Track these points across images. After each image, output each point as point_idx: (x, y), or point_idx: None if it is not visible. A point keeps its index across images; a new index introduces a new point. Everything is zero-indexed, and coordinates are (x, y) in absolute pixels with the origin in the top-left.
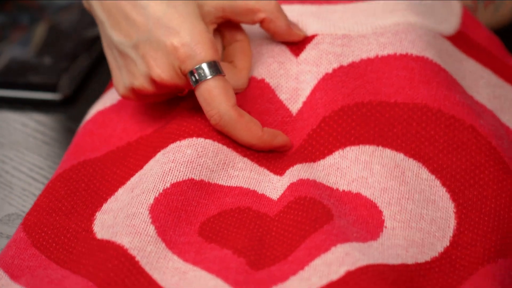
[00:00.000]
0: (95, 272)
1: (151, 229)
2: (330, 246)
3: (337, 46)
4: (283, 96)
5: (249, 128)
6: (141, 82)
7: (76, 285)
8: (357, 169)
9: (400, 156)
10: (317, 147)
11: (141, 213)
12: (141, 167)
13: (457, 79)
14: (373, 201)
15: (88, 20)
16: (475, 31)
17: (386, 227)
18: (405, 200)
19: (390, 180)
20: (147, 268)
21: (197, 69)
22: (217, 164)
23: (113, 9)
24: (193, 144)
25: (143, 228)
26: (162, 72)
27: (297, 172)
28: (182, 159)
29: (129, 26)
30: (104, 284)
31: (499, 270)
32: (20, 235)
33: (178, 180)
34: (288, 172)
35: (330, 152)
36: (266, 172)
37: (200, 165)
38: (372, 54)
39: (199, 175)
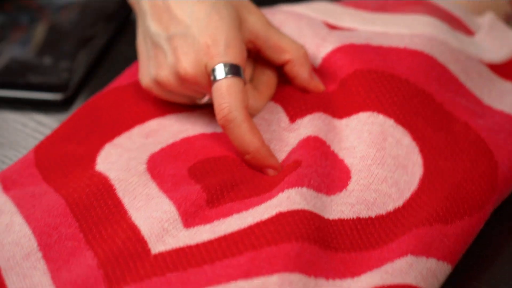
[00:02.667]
0: (71, 192)
1: (142, 167)
2: (278, 193)
3: (373, 36)
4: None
5: (252, 133)
6: (166, 74)
7: (50, 201)
8: (352, 138)
9: (389, 122)
10: (333, 108)
11: (141, 157)
12: (163, 113)
13: (476, 93)
14: (349, 168)
15: (88, 20)
16: None
17: (346, 189)
18: (375, 165)
19: (370, 147)
20: (120, 194)
21: (222, 66)
22: None
23: (159, 2)
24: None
25: (134, 166)
26: (188, 66)
27: (310, 124)
28: (201, 121)
29: (169, 19)
30: (73, 203)
31: (431, 233)
32: (29, 155)
33: (189, 135)
34: (300, 122)
35: (340, 117)
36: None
37: (214, 122)
38: (401, 45)
39: (211, 130)
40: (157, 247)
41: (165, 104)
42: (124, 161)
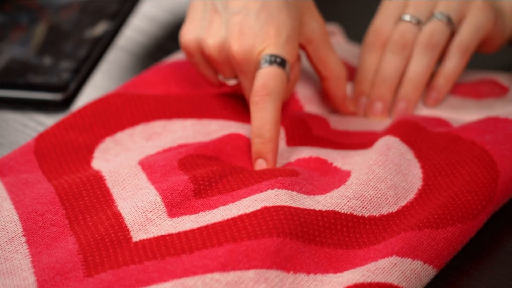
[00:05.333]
0: (62, 183)
1: (134, 161)
2: (268, 189)
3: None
4: None
5: (276, 123)
6: (214, 43)
7: (41, 189)
8: (357, 155)
9: (395, 139)
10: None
11: (135, 159)
12: (170, 116)
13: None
14: (350, 171)
15: (88, 20)
16: None
17: (345, 184)
18: (377, 166)
19: (374, 153)
20: (110, 185)
21: (274, 57)
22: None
23: None
24: (221, 125)
25: (127, 162)
26: (241, 46)
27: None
28: (204, 132)
29: None
30: (62, 192)
31: (419, 236)
32: (30, 143)
33: (187, 142)
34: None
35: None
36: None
37: (216, 135)
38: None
39: (209, 139)
40: (138, 235)
41: (172, 107)
42: (119, 160)
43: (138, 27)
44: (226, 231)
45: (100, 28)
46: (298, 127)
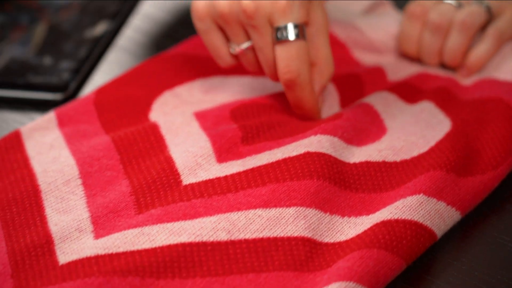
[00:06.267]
0: (119, 134)
1: (189, 113)
2: (311, 135)
3: None
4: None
5: (311, 94)
6: (225, 1)
7: (99, 141)
8: (399, 115)
9: (430, 104)
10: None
11: (190, 111)
12: (226, 73)
13: None
14: (386, 128)
15: (88, 20)
16: None
17: (379, 140)
18: (409, 124)
19: (408, 115)
20: (164, 131)
21: (292, 26)
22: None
23: None
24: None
25: (182, 114)
26: (254, 3)
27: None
28: (260, 87)
29: None
30: (118, 140)
31: (445, 179)
32: (90, 95)
33: (243, 97)
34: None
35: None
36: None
37: (274, 89)
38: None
39: (271, 92)
40: (188, 179)
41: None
42: (176, 113)
43: (138, 27)
44: (270, 173)
45: (100, 28)
46: (351, 87)
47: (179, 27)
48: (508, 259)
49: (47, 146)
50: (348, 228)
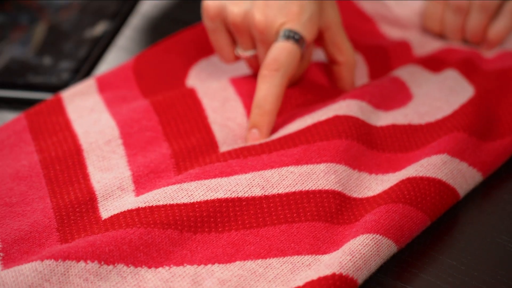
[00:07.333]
0: (157, 98)
1: (225, 79)
2: (340, 100)
3: None
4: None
5: (277, 99)
6: (238, 10)
7: (138, 105)
8: (424, 84)
9: (454, 72)
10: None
11: (226, 77)
12: None
13: None
14: (412, 94)
15: (88, 20)
16: None
17: (404, 106)
18: (434, 90)
19: (434, 83)
20: (201, 95)
21: (294, 33)
22: None
23: None
24: None
25: (218, 78)
26: (263, 16)
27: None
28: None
29: None
30: (156, 103)
31: (467, 141)
32: (129, 61)
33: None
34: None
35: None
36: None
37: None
38: None
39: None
40: (224, 148)
41: None
42: (212, 79)
43: (138, 27)
44: (301, 136)
45: (100, 28)
46: (379, 59)
47: (179, 28)
48: (508, 259)
49: (88, 110)
50: (375, 184)
